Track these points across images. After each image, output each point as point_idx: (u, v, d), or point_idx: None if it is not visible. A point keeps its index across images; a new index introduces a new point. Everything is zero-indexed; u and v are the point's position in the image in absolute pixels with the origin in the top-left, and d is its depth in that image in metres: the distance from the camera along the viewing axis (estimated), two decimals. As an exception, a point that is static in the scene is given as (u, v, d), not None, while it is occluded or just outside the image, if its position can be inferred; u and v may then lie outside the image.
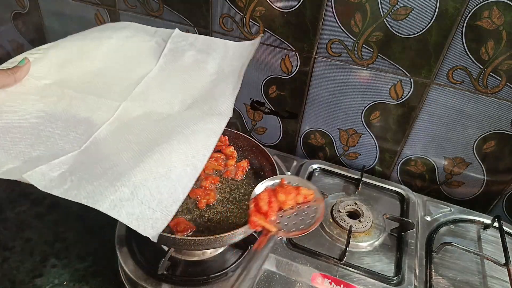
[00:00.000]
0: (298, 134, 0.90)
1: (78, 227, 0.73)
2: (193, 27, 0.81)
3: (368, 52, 0.72)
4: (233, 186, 0.73)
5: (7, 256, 0.66)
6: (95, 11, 0.87)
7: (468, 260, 0.70)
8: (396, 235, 0.73)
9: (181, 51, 0.69)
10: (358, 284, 0.63)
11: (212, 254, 0.66)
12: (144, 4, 0.82)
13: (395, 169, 0.87)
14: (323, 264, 0.65)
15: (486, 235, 0.76)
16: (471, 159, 0.78)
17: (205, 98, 0.62)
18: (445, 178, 0.83)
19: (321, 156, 0.92)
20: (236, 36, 0.79)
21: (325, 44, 0.74)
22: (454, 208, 0.80)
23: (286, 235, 0.52)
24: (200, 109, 0.60)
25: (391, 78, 0.73)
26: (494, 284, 0.66)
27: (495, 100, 0.69)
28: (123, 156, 0.49)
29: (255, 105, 0.89)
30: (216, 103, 0.61)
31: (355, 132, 0.84)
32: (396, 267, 0.67)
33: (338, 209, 0.75)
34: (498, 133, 0.73)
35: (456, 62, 0.68)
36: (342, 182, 0.84)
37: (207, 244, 0.58)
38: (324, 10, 0.70)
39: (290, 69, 0.80)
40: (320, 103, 0.82)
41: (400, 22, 0.67)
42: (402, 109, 0.77)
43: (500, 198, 0.81)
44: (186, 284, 0.61)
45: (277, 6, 0.72)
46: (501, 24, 0.61)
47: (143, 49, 0.70)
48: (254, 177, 0.76)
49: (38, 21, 0.94)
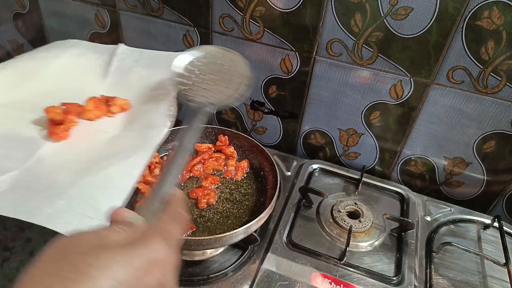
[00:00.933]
0: (298, 134, 0.90)
1: (78, 227, 0.73)
2: (193, 27, 0.81)
3: (368, 52, 0.72)
4: (233, 186, 0.73)
5: (7, 256, 0.66)
6: (95, 11, 0.87)
7: (468, 260, 0.70)
8: (396, 235, 0.73)
9: (128, 68, 0.70)
10: (358, 284, 0.63)
11: (212, 254, 0.66)
12: (144, 4, 0.82)
13: (395, 169, 0.87)
14: (323, 264, 0.65)
15: (486, 235, 0.76)
16: (471, 159, 0.78)
17: (147, 113, 0.62)
18: (445, 178, 0.83)
19: (321, 156, 0.92)
20: (236, 36, 0.79)
21: (325, 44, 0.74)
22: (454, 208, 0.80)
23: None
24: (141, 125, 0.61)
25: (391, 78, 0.73)
26: (494, 284, 0.66)
27: (495, 100, 0.69)
28: (63, 174, 0.51)
29: (255, 105, 0.89)
30: (156, 117, 0.61)
31: (355, 132, 0.84)
32: (396, 267, 0.67)
33: (338, 209, 0.75)
34: (498, 133, 0.73)
35: (456, 62, 0.68)
36: (342, 182, 0.84)
37: (207, 244, 0.58)
38: (324, 10, 0.70)
39: (290, 69, 0.80)
40: (320, 103, 0.82)
41: (400, 22, 0.67)
42: (402, 109, 0.77)
43: (500, 198, 0.81)
44: (186, 284, 0.61)
45: (277, 6, 0.72)
46: (501, 24, 0.61)
47: (91, 68, 0.70)
48: (254, 177, 0.76)
49: (38, 21, 0.94)
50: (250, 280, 0.63)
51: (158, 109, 0.61)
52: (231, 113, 0.93)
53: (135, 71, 0.69)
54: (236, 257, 0.66)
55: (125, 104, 0.63)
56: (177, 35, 0.84)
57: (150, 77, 0.69)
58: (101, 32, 0.90)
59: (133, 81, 0.68)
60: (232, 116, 0.93)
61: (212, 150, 0.78)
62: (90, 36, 0.92)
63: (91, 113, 0.60)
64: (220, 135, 0.80)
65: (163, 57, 0.72)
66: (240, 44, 0.80)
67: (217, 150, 0.79)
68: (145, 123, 0.60)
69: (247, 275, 0.63)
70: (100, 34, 0.90)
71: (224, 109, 0.92)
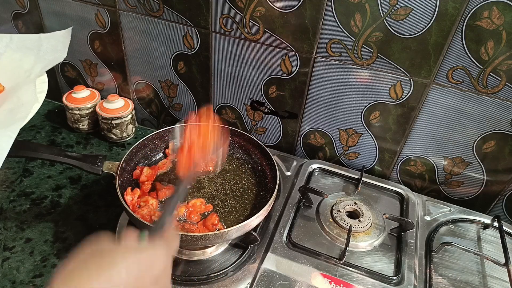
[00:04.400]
0: (298, 134, 0.90)
1: (78, 227, 0.73)
2: (193, 27, 0.81)
3: (368, 52, 0.72)
4: (232, 181, 0.74)
5: (7, 256, 0.66)
6: (95, 11, 0.87)
7: (468, 260, 0.70)
8: (395, 235, 0.73)
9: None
10: (358, 284, 0.63)
11: (212, 254, 0.66)
12: (144, 4, 0.82)
13: (394, 169, 0.87)
14: (323, 264, 0.65)
15: (486, 235, 0.76)
16: (471, 159, 0.78)
17: (18, 92, 0.66)
18: (445, 178, 0.83)
19: (321, 156, 0.92)
20: (236, 37, 0.79)
21: (325, 44, 0.74)
22: (454, 208, 0.80)
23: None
24: (12, 105, 0.64)
25: (390, 78, 0.74)
26: (494, 284, 0.66)
27: (495, 100, 0.69)
28: None
29: (255, 105, 0.89)
30: (23, 94, 0.65)
31: (354, 132, 0.84)
32: (396, 267, 0.67)
33: (338, 209, 0.75)
34: (498, 133, 0.73)
35: (456, 62, 0.68)
36: (342, 182, 0.84)
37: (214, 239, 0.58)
38: (324, 10, 0.70)
39: (290, 69, 0.80)
40: (320, 103, 0.82)
41: (400, 22, 0.67)
42: (402, 109, 0.77)
43: (500, 198, 0.81)
44: (186, 283, 0.61)
45: (277, 7, 0.72)
46: (501, 24, 0.62)
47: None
48: (253, 171, 0.76)
49: (38, 21, 0.94)
50: (250, 279, 0.63)
51: (29, 87, 0.65)
52: (231, 113, 0.93)
53: (7, 56, 0.73)
54: (236, 257, 0.66)
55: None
56: (177, 35, 0.84)
57: (21, 59, 0.73)
58: (101, 32, 0.90)
59: (5, 64, 0.72)
60: (232, 116, 0.93)
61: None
62: (90, 36, 0.92)
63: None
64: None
65: (32, 39, 0.76)
66: (240, 44, 0.80)
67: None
68: (16, 102, 0.63)
69: (247, 275, 0.63)
70: (100, 34, 0.90)
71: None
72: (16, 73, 0.70)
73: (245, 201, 0.70)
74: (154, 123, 1.03)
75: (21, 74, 0.70)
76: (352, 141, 0.86)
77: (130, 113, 0.94)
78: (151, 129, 1.03)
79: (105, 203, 0.78)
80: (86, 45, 0.94)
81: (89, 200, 0.79)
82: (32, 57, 0.73)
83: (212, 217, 0.65)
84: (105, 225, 0.74)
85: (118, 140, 0.96)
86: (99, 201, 0.78)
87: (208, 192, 0.71)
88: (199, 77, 0.89)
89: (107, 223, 0.74)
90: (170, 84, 0.93)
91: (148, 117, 1.03)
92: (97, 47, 0.93)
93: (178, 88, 0.93)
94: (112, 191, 0.62)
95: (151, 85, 0.95)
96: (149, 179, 0.71)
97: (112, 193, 0.74)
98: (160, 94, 0.96)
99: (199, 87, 0.91)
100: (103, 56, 0.95)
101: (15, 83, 0.69)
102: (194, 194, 0.71)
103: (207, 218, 0.65)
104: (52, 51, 0.76)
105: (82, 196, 0.80)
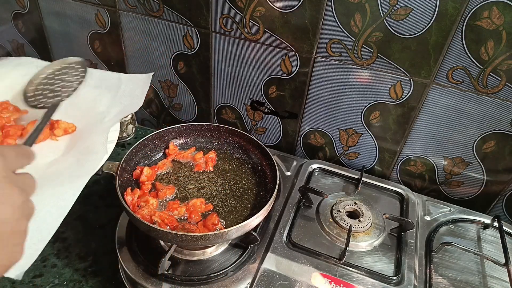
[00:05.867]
0: (298, 134, 0.90)
1: (78, 227, 0.73)
2: (193, 27, 0.81)
3: (368, 52, 0.72)
4: (232, 181, 0.74)
5: (7, 256, 0.66)
6: (95, 11, 0.87)
7: (468, 260, 0.70)
8: (395, 235, 0.73)
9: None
10: (358, 284, 0.63)
11: (212, 254, 0.66)
12: (144, 4, 0.82)
13: (394, 169, 0.87)
14: (323, 264, 0.65)
15: (485, 235, 0.76)
16: (471, 159, 0.78)
17: (90, 137, 0.61)
18: (445, 178, 0.83)
19: (321, 156, 0.92)
20: (236, 37, 0.79)
21: (324, 44, 0.74)
22: (454, 208, 0.80)
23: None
24: (79, 151, 0.59)
25: (390, 78, 0.74)
26: (494, 284, 0.66)
27: (495, 100, 0.69)
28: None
29: (255, 105, 0.89)
30: (93, 142, 0.60)
31: (354, 132, 0.84)
32: (395, 267, 0.67)
33: (338, 208, 0.75)
34: (497, 133, 0.73)
35: (456, 62, 0.68)
36: (341, 182, 0.84)
37: (215, 238, 0.58)
38: (324, 10, 0.70)
39: (290, 69, 0.80)
40: (320, 103, 0.82)
41: (400, 22, 0.67)
42: (402, 109, 0.77)
43: (499, 198, 0.81)
44: (186, 283, 0.61)
45: (277, 7, 0.72)
46: (501, 24, 0.62)
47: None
48: (253, 171, 0.76)
49: (38, 21, 0.94)
50: (250, 279, 0.63)
51: (101, 137, 0.60)
52: (231, 113, 0.93)
53: (83, 92, 0.66)
54: (236, 257, 0.66)
55: (69, 127, 0.61)
56: (177, 35, 0.84)
57: (97, 99, 0.67)
58: (101, 32, 0.90)
59: (79, 102, 0.65)
60: (232, 116, 0.93)
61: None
62: (90, 36, 0.92)
63: None
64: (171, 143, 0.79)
65: (111, 79, 0.71)
66: (240, 44, 0.80)
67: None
68: (85, 149, 0.58)
69: (247, 275, 0.63)
70: (100, 34, 0.90)
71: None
72: (89, 113, 0.65)
73: (245, 201, 0.70)
74: (154, 123, 1.03)
75: (94, 115, 0.65)
76: (352, 141, 0.86)
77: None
78: (151, 129, 1.03)
79: (105, 203, 0.78)
80: (86, 45, 0.94)
81: (89, 200, 0.79)
82: (109, 98, 0.67)
83: (212, 217, 0.65)
84: (105, 225, 0.74)
85: (118, 140, 0.96)
86: (99, 201, 0.78)
87: (208, 192, 0.71)
88: (199, 77, 0.89)
89: (107, 223, 0.74)
90: (170, 84, 0.93)
91: (148, 117, 1.03)
92: (97, 47, 0.93)
93: (178, 88, 0.93)
94: (112, 191, 0.62)
95: (151, 85, 0.95)
96: (149, 179, 0.71)
97: (112, 193, 0.74)
98: (160, 94, 0.96)
99: (199, 87, 0.91)
100: (103, 56, 0.95)
101: (87, 123, 0.63)
102: (194, 194, 0.71)
103: (207, 218, 0.65)
104: (129, 95, 0.70)
105: (82, 196, 0.79)
